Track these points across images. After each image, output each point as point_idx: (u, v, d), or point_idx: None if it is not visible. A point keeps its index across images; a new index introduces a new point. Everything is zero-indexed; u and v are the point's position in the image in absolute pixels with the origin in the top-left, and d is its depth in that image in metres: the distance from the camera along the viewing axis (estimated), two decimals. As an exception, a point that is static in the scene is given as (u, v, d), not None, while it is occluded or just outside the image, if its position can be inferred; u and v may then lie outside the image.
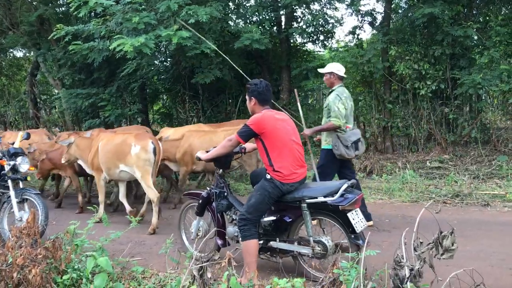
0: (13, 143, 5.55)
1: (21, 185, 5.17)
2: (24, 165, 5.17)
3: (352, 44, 11.42)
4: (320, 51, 13.03)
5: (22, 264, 3.01)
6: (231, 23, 10.61)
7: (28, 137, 5.78)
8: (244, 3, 11.52)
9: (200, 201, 4.34)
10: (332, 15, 10.82)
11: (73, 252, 3.55)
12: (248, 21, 11.11)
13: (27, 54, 16.98)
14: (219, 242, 4.22)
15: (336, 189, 3.59)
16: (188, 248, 4.50)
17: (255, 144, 3.98)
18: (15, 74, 17.91)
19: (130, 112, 10.98)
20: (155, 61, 11.83)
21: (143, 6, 7.91)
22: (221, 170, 4.27)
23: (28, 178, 5.29)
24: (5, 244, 3.40)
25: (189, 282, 2.90)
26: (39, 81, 15.55)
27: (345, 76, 5.49)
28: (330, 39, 11.54)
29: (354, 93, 10.81)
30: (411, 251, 2.80)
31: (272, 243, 3.88)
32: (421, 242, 2.83)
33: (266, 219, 3.88)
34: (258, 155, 5.84)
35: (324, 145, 5.36)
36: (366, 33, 18.56)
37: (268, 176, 3.67)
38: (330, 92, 5.36)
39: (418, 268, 2.69)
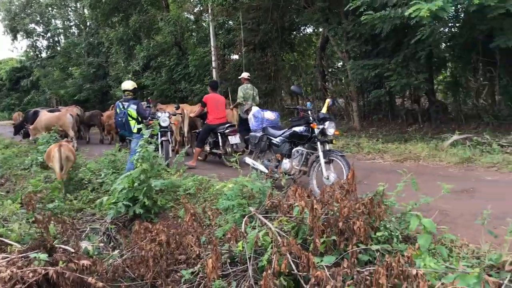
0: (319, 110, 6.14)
1: (327, 147, 5.71)
2: (331, 129, 5.66)
3: None
4: None
5: (347, 216, 3.32)
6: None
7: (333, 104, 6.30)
8: None
9: None
10: None
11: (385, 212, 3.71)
12: None
13: (316, 30, 18.42)
14: None
15: None
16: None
17: None
18: (305, 49, 19.74)
19: (416, 81, 10.71)
20: (443, 28, 11.13)
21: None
22: None
23: (334, 142, 5.78)
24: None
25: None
26: (327, 54, 16.71)
27: None
28: None
29: None
30: None
31: None
32: None
33: None
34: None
35: None
36: None
37: None
38: None
39: None
